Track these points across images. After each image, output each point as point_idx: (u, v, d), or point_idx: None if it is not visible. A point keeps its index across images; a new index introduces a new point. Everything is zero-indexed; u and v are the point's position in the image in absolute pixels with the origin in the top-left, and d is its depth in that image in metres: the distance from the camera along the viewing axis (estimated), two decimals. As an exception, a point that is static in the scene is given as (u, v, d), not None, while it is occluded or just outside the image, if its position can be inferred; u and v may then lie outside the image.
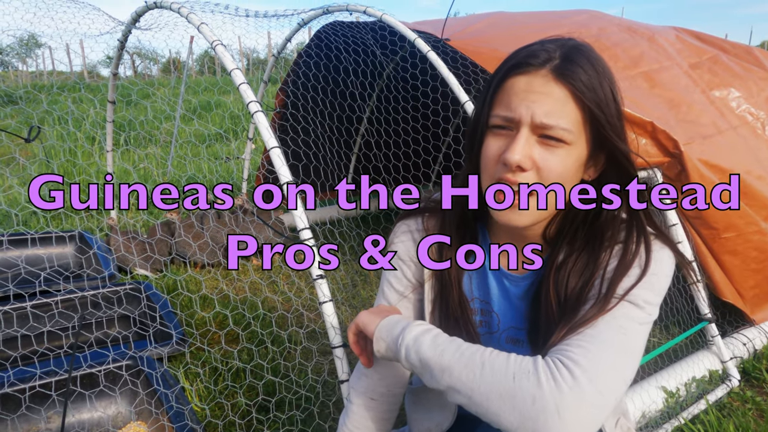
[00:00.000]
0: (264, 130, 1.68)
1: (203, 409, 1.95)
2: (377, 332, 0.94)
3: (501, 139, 0.86)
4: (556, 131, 0.81)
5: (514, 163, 0.82)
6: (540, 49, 0.84)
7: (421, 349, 0.84)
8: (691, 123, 2.32)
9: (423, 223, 1.06)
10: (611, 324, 0.80)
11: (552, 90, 0.81)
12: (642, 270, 0.85)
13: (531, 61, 0.83)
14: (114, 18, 3.04)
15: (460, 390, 0.79)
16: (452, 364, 0.80)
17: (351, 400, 1.14)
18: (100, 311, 2.54)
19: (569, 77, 0.81)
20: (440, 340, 0.85)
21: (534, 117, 0.81)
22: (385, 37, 3.12)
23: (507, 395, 0.74)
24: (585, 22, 2.86)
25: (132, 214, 4.32)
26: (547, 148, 0.83)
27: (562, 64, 0.82)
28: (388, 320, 0.95)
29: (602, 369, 0.75)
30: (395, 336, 0.90)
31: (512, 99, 0.83)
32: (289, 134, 3.77)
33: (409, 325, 0.89)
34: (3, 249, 3.03)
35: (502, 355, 0.79)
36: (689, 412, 1.91)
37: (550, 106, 0.81)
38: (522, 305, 1.01)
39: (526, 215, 0.86)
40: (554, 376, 0.73)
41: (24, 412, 1.77)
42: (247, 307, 2.75)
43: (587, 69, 0.82)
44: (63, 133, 6.14)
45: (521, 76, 0.83)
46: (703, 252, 2.23)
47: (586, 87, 0.81)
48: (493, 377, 0.76)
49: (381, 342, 0.93)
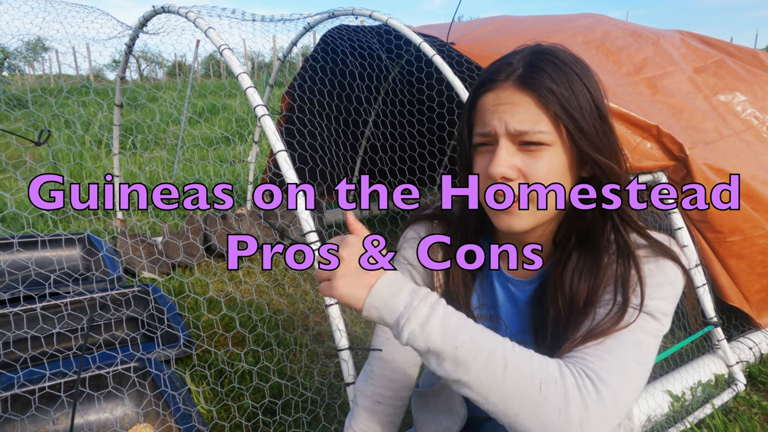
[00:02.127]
0: (271, 134, 1.70)
1: (210, 411, 1.96)
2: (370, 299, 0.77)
3: (485, 155, 0.87)
4: (532, 135, 0.81)
5: (498, 175, 0.83)
6: (504, 63, 0.85)
7: (431, 338, 0.74)
8: (693, 129, 2.33)
9: (431, 229, 1.07)
10: (630, 337, 0.80)
11: (518, 98, 0.82)
12: (659, 280, 0.85)
13: (495, 77, 0.84)
14: (122, 22, 3.07)
15: (474, 388, 0.73)
16: (469, 361, 0.73)
17: (357, 403, 1.15)
18: (108, 313, 2.56)
19: (531, 84, 0.81)
20: (451, 326, 0.75)
21: (507, 126, 0.82)
22: (390, 41, 3.13)
23: (530, 402, 0.71)
24: (590, 26, 2.87)
25: (139, 216, 4.35)
26: (529, 155, 0.83)
27: (524, 73, 0.82)
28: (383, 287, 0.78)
29: (622, 385, 0.75)
30: (396, 313, 0.76)
31: (485, 115, 0.85)
32: (295, 137, 3.79)
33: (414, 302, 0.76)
34: (13, 251, 3.06)
35: (525, 354, 0.75)
36: (695, 417, 1.91)
37: (521, 113, 0.82)
38: (528, 310, 1.01)
39: (526, 218, 0.86)
40: (581, 390, 0.72)
41: (33, 413, 1.79)
42: (254, 310, 2.76)
43: (552, 73, 0.82)
44: (72, 137, 6.19)
45: (489, 93, 0.85)
46: (709, 256, 2.23)
47: (549, 91, 0.81)
48: (517, 381, 0.72)
49: (373, 311, 0.78)
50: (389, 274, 0.79)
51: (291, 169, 1.63)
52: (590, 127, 0.83)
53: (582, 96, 0.82)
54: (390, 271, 0.80)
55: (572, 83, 0.82)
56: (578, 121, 0.82)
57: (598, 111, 0.84)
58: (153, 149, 6.74)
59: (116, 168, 3.42)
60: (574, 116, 0.82)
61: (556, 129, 0.82)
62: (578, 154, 0.85)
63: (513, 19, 3.10)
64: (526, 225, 0.87)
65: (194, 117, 7.62)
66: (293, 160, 1.52)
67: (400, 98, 3.99)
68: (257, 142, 3.97)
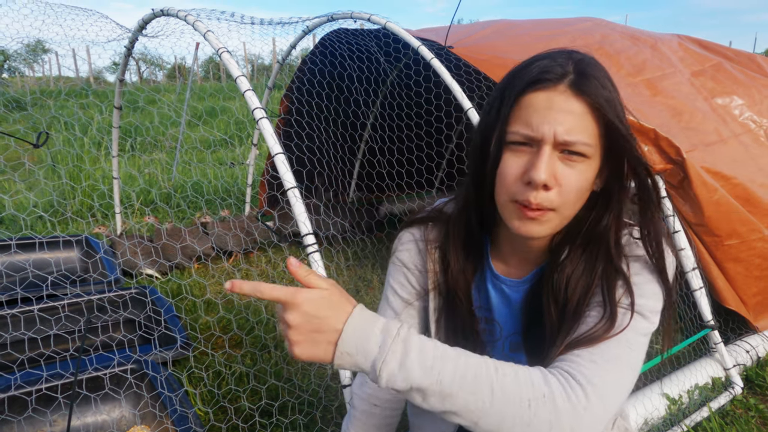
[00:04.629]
0: (269, 137, 1.70)
1: (207, 412, 1.96)
2: (341, 345, 0.71)
3: (521, 156, 0.84)
4: (578, 146, 0.81)
5: (541, 182, 0.80)
6: (553, 63, 0.83)
7: (411, 376, 0.71)
8: (693, 131, 2.33)
9: (427, 232, 1.07)
10: (620, 338, 0.80)
11: (573, 106, 0.81)
12: (649, 279, 0.86)
13: (547, 77, 0.82)
14: (121, 25, 3.08)
15: (464, 416, 0.72)
16: (454, 391, 0.71)
17: (354, 406, 1.15)
18: (105, 315, 2.56)
19: (587, 92, 0.81)
20: (429, 359, 0.72)
21: (557, 135, 0.80)
22: (389, 44, 3.14)
23: (521, 422, 0.71)
24: (588, 30, 2.88)
25: (137, 218, 4.35)
26: (567, 164, 0.82)
27: (578, 79, 0.81)
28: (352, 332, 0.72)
29: (610, 387, 0.76)
30: (371, 357, 0.72)
31: (532, 116, 0.82)
32: (293, 140, 3.80)
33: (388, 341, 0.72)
34: (11, 253, 3.06)
35: (509, 374, 0.73)
36: (692, 420, 1.91)
37: (571, 122, 0.80)
38: (522, 311, 1.02)
39: (548, 225, 0.86)
40: (569, 395, 0.73)
41: (30, 414, 1.79)
42: (251, 312, 2.76)
43: (603, 82, 0.82)
44: (71, 139, 6.19)
45: (540, 92, 0.82)
46: (706, 259, 2.24)
47: (605, 100, 0.81)
48: (505, 404, 0.71)
49: (347, 358, 0.72)
50: (353, 318, 0.72)
51: (289, 172, 1.64)
52: (630, 133, 0.84)
53: (621, 104, 0.84)
54: (352, 315, 0.73)
55: (615, 92, 0.84)
56: (626, 128, 0.83)
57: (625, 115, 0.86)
58: (152, 152, 6.74)
59: (115, 170, 3.42)
60: (623, 123, 0.83)
61: (599, 138, 0.83)
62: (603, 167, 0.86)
63: (511, 23, 3.11)
64: (546, 232, 0.87)
65: (193, 120, 7.62)
66: (291, 162, 1.52)
67: (399, 101, 3.99)
68: (256, 145, 3.98)
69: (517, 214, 0.86)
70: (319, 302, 0.72)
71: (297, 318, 0.71)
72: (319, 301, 0.72)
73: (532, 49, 0.90)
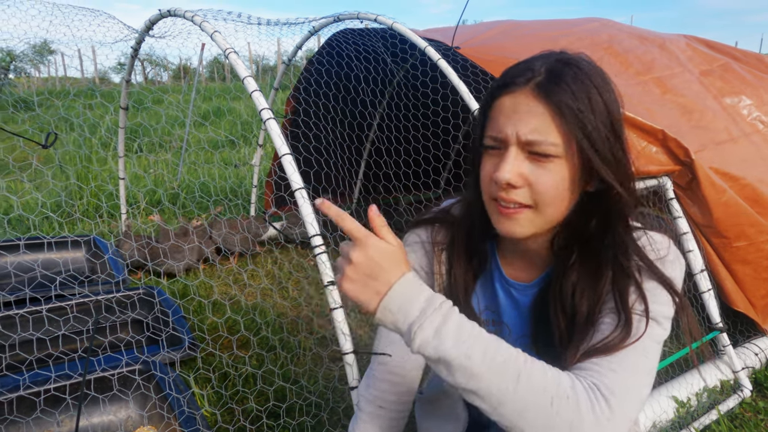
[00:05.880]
0: (276, 137, 1.70)
1: (214, 414, 1.96)
2: (386, 300, 0.75)
3: (493, 158, 0.87)
4: (542, 147, 0.81)
5: (504, 181, 0.83)
6: (525, 67, 0.84)
7: (442, 346, 0.73)
8: (703, 129, 2.32)
9: (433, 233, 1.06)
10: (637, 346, 0.81)
11: (534, 107, 0.81)
12: (660, 284, 0.86)
13: (515, 81, 0.84)
14: (128, 26, 3.09)
15: (486, 398, 0.73)
16: (482, 372, 0.73)
17: (360, 408, 1.15)
18: (113, 316, 2.57)
19: (550, 95, 0.80)
20: (465, 335, 0.74)
21: (519, 135, 0.82)
22: (395, 44, 3.14)
23: (542, 417, 0.72)
24: (595, 30, 2.87)
25: (143, 218, 4.36)
26: (537, 164, 0.83)
27: (545, 82, 0.81)
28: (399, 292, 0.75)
29: (631, 396, 0.76)
30: (410, 319, 0.75)
31: (499, 119, 0.85)
32: (300, 141, 3.80)
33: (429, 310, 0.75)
34: (19, 253, 3.08)
35: (537, 367, 0.75)
36: (700, 423, 1.90)
37: (535, 123, 0.81)
38: (531, 314, 1.01)
39: (525, 225, 0.87)
40: (593, 406, 0.73)
41: (38, 415, 1.80)
42: (258, 313, 2.77)
43: (573, 86, 0.80)
44: (79, 140, 6.22)
45: (506, 96, 0.84)
46: (715, 261, 2.22)
47: (567, 107, 0.80)
48: (529, 394, 0.72)
49: (388, 314, 0.76)
50: (405, 279, 0.76)
51: (296, 173, 1.64)
52: (603, 144, 0.82)
53: (599, 112, 0.81)
54: (405, 275, 0.77)
55: (591, 98, 0.81)
56: (593, 139, 0.81)
57: (612, 127, 0.83)
58: (158, 152, 6.77)
59: (121, 170, 3.43)
60: (590, 133, 0.81)
61: (567, 142, 0.82)
62: (585, 168, 0.84)
63: (518, 24, 3.10)
64: (525, 232, 0.88)
65: (200, 120, 7.64)
66: (298, 163, 1.52)
67: (405, 102, 3.99)
68: (261, 146, 3.99)
69: (495, 212, 0.89)
70: (385, 253, 0.75)
71: (361, 257, 0.75)
72: (385, 251, 0.76)
73: (538, 49, 0.90)
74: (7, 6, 2.84)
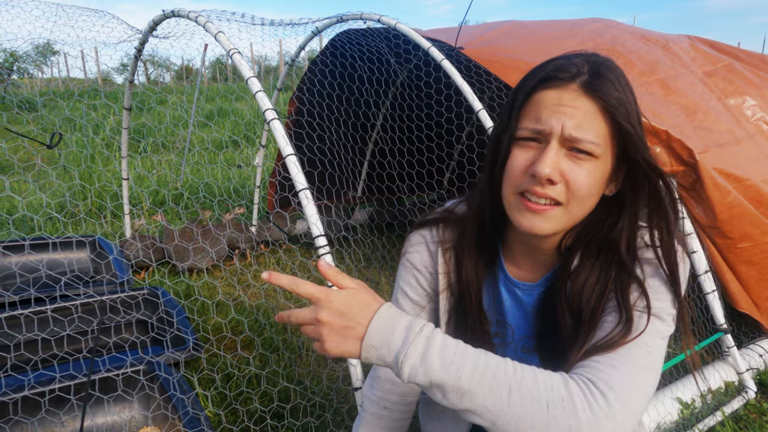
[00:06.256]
0: (280, 138, 1.70)
1: (218, 414, 1.97)
2: (367, 338, 0.76)
3: (529, 151, 0.85)
4: (584, 144, 0.81)
5: (545, 176, 0.81)
6: (568, 63, 0.84)
7: (431, 370, 0.74)
8: (707, 130, 2.31)
9: (438, 233, 1.06)
10: (638, 342, 0.80)
11: (582, 104, 0.81)
12: (663, 282, 0.85)
13: (560, 75, 0.83)
14: (132, 27, 3.10)
15: (482, 415, 0.73)
16: (473, 389, 0.73)
17: (364, 408, 1.15)
18: (117, 316, 2.58)
19: (599, 92, 0.81)
20: (449, 355, 0.75)
21: (564, 129, 0.81)
22: (398, 45, 3.14)
23: (540, 425, 0.71)
24: (599, 31, 2.86)
25: (147, 219, 4.37)
26: (575, 161, 0.82)
27: (591, 79, 0.82)
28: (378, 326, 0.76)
29: (632, 392, 0.75)
30: (395, 350, 0.75)
31: (542, 112, 0.83)
32: (304, 142, 3.81)
33: (411, 336, 0.75)
34: (24, 253, 3.09)
35: (528, 375, 0.74)
36: (705, 424, 1.89)
37: (580, 119, 0.81)
38: (535, 314, 1.01)
39: (553, 222, 0.86)
40: (590, 403, 0.72)
41: (43, 415, 1.80)
42: (262, 313, 2.77)
43: (616, 84, 0.82)
44: (84, 140, 6.24)
45: (551, 90, 0.83)
46: (719, 262, 2.22)
47: (616, 101, 0.81)
48: (523, 404, 0.72)
49: (372, 351, 0.76)
50: (381, 313, 0.77)
51: (300, 173, 1.64)
52: (642, 138, 0.84)
53: (634, 108, 0.84)
54: (380, 309, 0.78)
55: (629, 95, 0.83)
56: (637, 132, 0.83)
57: (641, 122, 0.86)
58: (162, 152, 6.78)
59: (124, 171, 3.44)
60: (634, 126, 0.83)
61: (609, 139, 0.83)
62: (614, 170, 0.86)
63: (521, 24, 3.10)
64: (550, 229, 0.86)
65: (204, 120, 7.66)
66: (301, 163, 1.52)
67: (408, 102, 3.99)
68: (264, 146, 3.99)
69: (518, 207, 0.86)
70: (349, 300, 0.77)
71: (328, 315, 0.76)
72: (349, 299, 0.77)
73: (542, 50, 0.91)
74: (11, 7, 2.85)
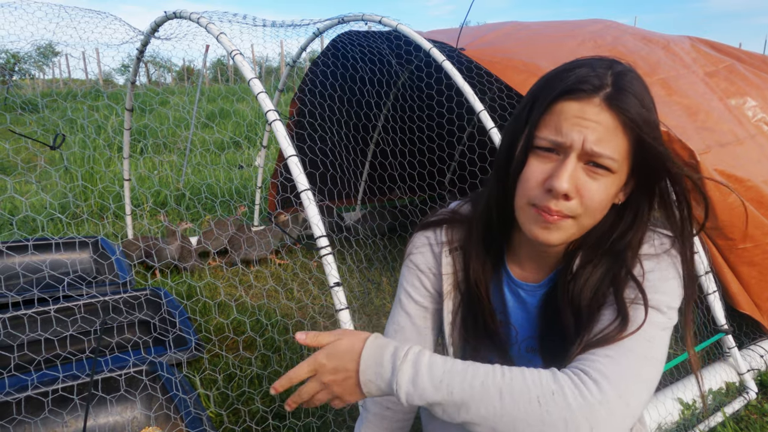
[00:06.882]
0: (282, 139, 1.71)
1: (220, 415, 1.97)
2: (362, 377, 0.81)
3: (546, 162, 0.84)
4: (604, 160, 0.80)
5: (563, 191, 0.80)
6: (591, 73, 0.82)
7: (424, 393, 0.77)
8: (709, 131, 2.32)
9: (442, 234, 1.06)
10: (638, 335, 0.80)
11: (604, 118, 0.80)
12: (663, 276, 0.86)
13: (583, 87, 0.81)
14: (134, 28, 3.10)
15: (481, 423, 0.75)
16: (466, 400, 0.75)
17: (366, 409, 1.15)
18: (120, 316, 2.59)
19: (622, 108, 0.80)
20: (438, 374, 0.77)
21: (585, 144, 0.80)
22: (400, 46, 3.15)
23: (535, 421, 0.72)
24: (600, 32, 2.87)
25: (149, 219, 4.38)
26: (591, 176, 0.82)
27: (614, 93, 0.80)
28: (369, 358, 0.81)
29: (628, 379, 0.75)
30: (387, 378, 0.80)
31: (563, 123, 0.81)
32: (305, 143, 3.81)
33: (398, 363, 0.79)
34: (27, 254, 3.10)
35: (516, 376, 0.75)
36: (706, 425, 1.90)
37: (601, 133, 0.80)
38: (538, 315, 1.02)
39: (564, 233, 0.86)
40: (581, 391, 0.72)
41: (46, 415, 1.81)
42: (263, 314, 2.78)
43: (639, 97, 0.81)
44: (86, 140, 6.25)
45: (573, 102, 0.81)
46: (720, 263, 2.22)
47: (639, 117, 0.80)
48: (515, 405, 0.73)
49: (371, 385, 0.81)
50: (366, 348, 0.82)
51: (302, 174, 1.64)
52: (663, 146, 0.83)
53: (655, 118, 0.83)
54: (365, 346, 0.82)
55: (651, 106, 0.83)
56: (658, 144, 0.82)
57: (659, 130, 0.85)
58: (164, 153, 6.79)
59: (126, 171, 3.45)
60: (656, 139, 0.82)
61: (627, 154, 0.82)
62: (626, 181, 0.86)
63: (522, 25, 3.11)
64: (560, 239, 0.86)
65: (205, 121, 7.67)
66: (303, 164, 1.53)
67: (409, 103, 4.00)
68: (266, 147, 4.00)
69: (534, 218, 0.86)
70: (335, 353, 0.82)
71: (328, 376, 0.82)
72: (334, 352, 0.82)
73: (543, 51, 0.91)
74: (14, 8, 2.86)
